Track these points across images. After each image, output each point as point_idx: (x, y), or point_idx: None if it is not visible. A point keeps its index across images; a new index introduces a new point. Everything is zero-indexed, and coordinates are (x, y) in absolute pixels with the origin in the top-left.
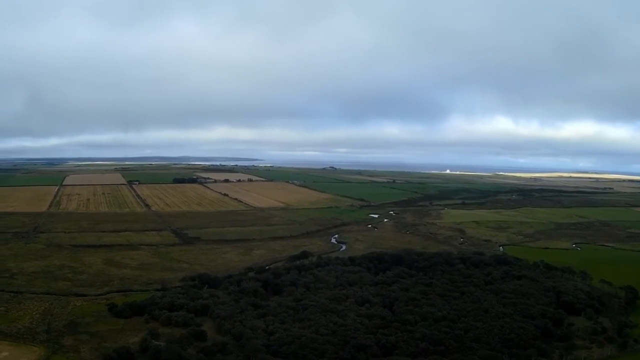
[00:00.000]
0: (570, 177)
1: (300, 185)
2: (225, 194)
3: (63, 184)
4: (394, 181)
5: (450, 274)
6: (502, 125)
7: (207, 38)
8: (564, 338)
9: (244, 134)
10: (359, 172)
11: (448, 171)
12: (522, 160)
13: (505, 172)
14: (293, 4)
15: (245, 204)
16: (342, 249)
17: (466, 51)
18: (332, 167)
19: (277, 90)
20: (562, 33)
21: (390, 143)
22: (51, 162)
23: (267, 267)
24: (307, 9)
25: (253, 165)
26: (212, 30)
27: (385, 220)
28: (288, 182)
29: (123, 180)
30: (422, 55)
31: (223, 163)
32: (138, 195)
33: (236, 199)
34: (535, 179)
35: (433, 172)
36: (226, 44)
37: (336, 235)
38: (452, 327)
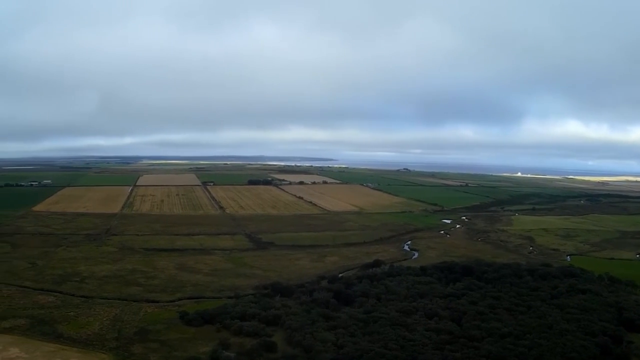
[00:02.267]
0: (637, 180)
1: (374, 189)
2: (300, 197)
3: (136, 184)
4: (466, 185)
5: (518, 287)
6: (573, 128)
7: (286, 41)
8: (623, 357)
9: (319, 134)
10: (433, 175)
11: (519, 174)
12: (591, 163)
13: (574, 175)
14: (372, 9)
15: (320, 207)
16: (414, 257)
17: (540, 56)
18: (406, 169)
19: (354, 92)
20: (633, 37)
21: (465, 145)
22: (124, 160)
23: (339, 276)
24: (386, 13)
25: (328, 166)
26: (291, 33)
27: (458, 226)
28: (362, 184)
29: (197, 181)
30: (497, 59)
31: (298, 163)
32: (212, 197)
33: (311, 202)
34: (603, 182)
35: (505, 174)
36: (305, 47)
37: (409, 242)
38: (517, 344)
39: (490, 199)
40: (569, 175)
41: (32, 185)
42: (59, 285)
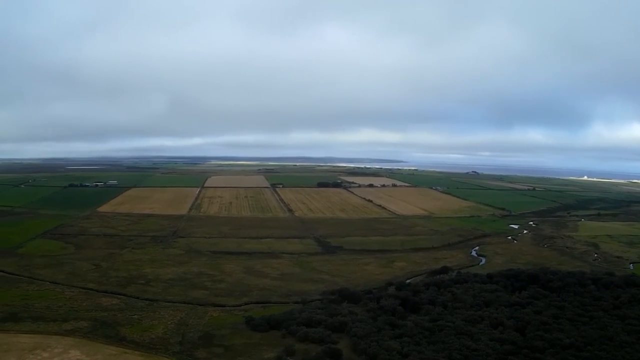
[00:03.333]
0: None
1: (443, 192)
2: (369, 200)
3: (205, 185)
4: (533, 189)
5: (581, 296)
6: (638, 132)
7: (358, 44)
8: None
9: (390, 137)
10: (501, 178)
11: (586, 177)
12: None
13: (637, 179)
14: (443, 12)
15: (389, 211)
16: (481, 263)
17: (608, 60)
18: (475, 172)
19: (425, 95)
20: None
21: (533, 147)
22: (192, 160)
23: (407, 282)
24: (457, 17)
25: (397, 168)
26: (363, 36)
27: (525, 231)
28: (431, 188)
29: (266, 183)
30: (567, 63)
31: (367, 165)
32: (281, 200)
33: (380, 205)
34: None
35: (571, 178)
36: (377, 50)
37: (476, 248)
38: (577, 357)
39: (556, 204)
40: (633, 179)
41: (97, 185)
42: (124, 287)
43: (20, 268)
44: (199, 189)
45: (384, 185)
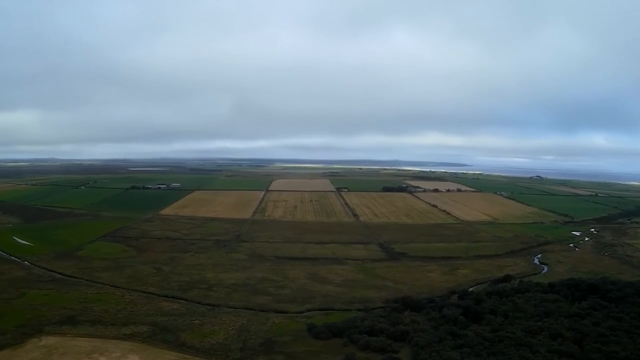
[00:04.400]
0: None
1: (507, 197)
2: (434, 205)
3: (269, 188)
4: (596, 194)
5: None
6: None
7: (424, 48)
8: None
9: (454, 140)
10: (564, 183)
11: None
12: None
13: None
14: (508, 17)
15: (454, 216)
16: (543, 271)
17: None
18: (539, 177)
19: (490, 99)
20: None
21: (596, 152)
22: (257, 162)
23: (470, 290)
24: (522, 22)
25: (462, 172)
26: (429, 41)
27: (586, 239)
28: (496, 193)
29: (331, 187)
30: (631, 66)
31: (432, 168)
32: (346, 204)
33: (445, 210)
34: None
35: (633, 183)
36: (443, 55)
37: (539, 256)
38: None
39: (617, 210)
40: None
41: (159, 187)
42: (185, 292)
43: (79, 271)
44: (263, 193)
45: (449, 190)
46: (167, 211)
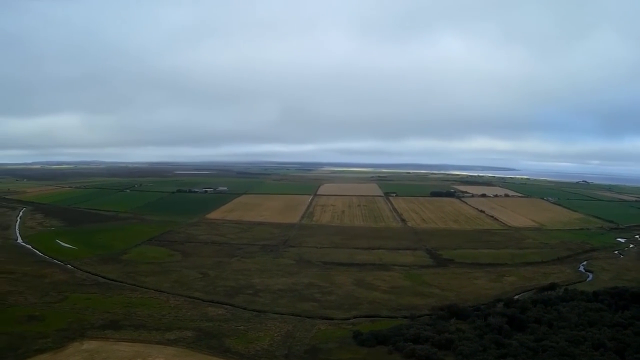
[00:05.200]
0: None
1: (554, 203)
2: (481, 211)
3: (317, 193)
4: None
5: None
6: None
7: (472, 53)
8: None
9: (501, 145)
10: (609, 188)
11: None
12: None
13: None
14: (556, 23)
15: (501, 222)
16: (588, 279)
17: None
18: (585, 181)
19: (537, 104)
20: None
21: None
22: (304, 166)
23: (515, 298)
24: (570, 27)
25: (510, 177)
26: (477, 46)
27: (631, 245)
28: (542, 198)
29: (380, 192)
30: None
31: (480, 172)
32: (394, 209)
33: (492, 216)
34: None
35: None
36: (490, 60)
37: (584, 263)
38: None
39: None
40: None
41: (206, 191)
42: (231, 297)
43: (123, 275)
44: (311, 197)
45: (496, 195)
46: (213, 215)
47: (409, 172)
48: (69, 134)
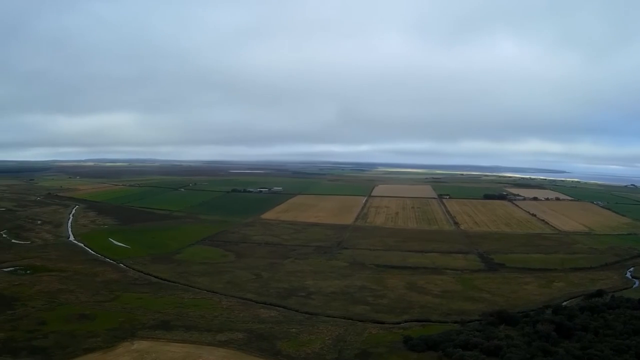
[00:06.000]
0: None
1: (603, 207)
2: (533, 214)
3: (371, 194)
4: None
5: None
6: None
7: (526, 56)
8: None
9: (553, 147)
10: None
11: None
12: None
13: None
14: (610, 27)
15: (551, 226)
16: (635, 286)
17: None
18: (633, 185)
19: (589, 107)
20: None
21: None
22: (359, 166)
23: (563, 304)
24: (624, 31)
25: (560, 180)
26: (532, 48)
27: None
28: (592, 202)
29: (433, 194)
30: None
31: (531, 175)
32: (447, 211)
33: (543, 220)
34: None
35: None
36: (544, 63)
37: (631, 269)
38: None
39: None
40: None
41: (261, 191)
42: (284, 299)
43: (176, 275)
44: (365, 198)
45: (547, 199)
46: (268, 215)
47: (462, 174)
48: (123, 132)
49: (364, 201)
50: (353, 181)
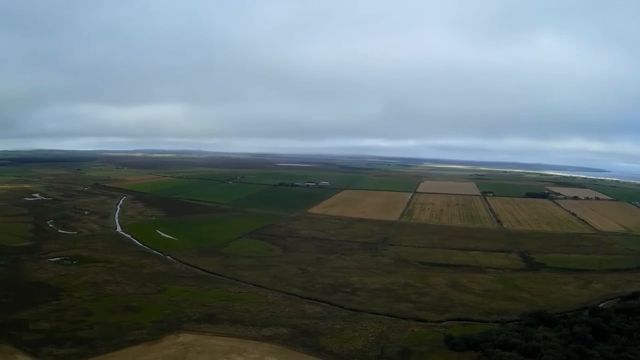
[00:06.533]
0: None
1: None
2: (573, 214)
3: (417, 190)
4: None
5: None
6: None
7: (570, 53)
8: None
9: (595, 146)
10: None
11: None
12: None
13: None
14: None
15: (591, 226)
16: None
17: None
18: None
19: (631, 105)
20: None
21: None
22: (405, 162)
23: (600, 306)
24: None
25: (600, 179)
26: (575, 45)
27: None
28: (630, 202)
29: (477, 191)
30: None
31: (572, 173)
32: (490, 209)
33: (583, 219)
34: None
35: None
36: (588, 61)
37: None
38: None
39: None
40: None
41: (308, 185)
42: (328, 295)
43: (223, 268)
44: (411, 194)
45: (587, 198)
46: (315, 210)
47: (505, 171)
48: (172, 123)
49: (409, 197)
50: (399, 177)
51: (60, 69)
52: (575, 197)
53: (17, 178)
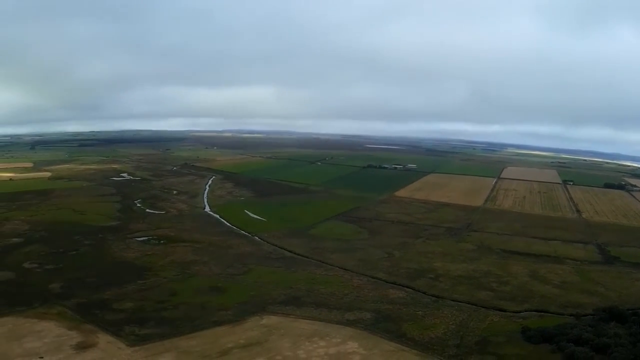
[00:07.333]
0: None
1: None
2: None
3: (500, 176)
4: None
5: None
6: None
7: None
8: None
9: None
10: None
11: None
12: None
13: None
14: None
15: None
16: None
17: None
18: None
19: None
20: None
21: None
22: (490, 146)
23: None
24: None
25: None
26: None
27: None
28: None
29: (558, 179)
30: None
31: None
32: (571, 198)
33: None
34: None
35: None
36: None
37: None
38: None
39: None
40: None
41: (395, 168)
42: (412, 280)
43: (310, 250)
44: (495, 180)
45: None
46: (401, 193)
47: (585, 160)
48: (262, 104)
49: (493, 183)
50: (483, 162)
51: (149, 52)
52: None
53: (105, 158)
